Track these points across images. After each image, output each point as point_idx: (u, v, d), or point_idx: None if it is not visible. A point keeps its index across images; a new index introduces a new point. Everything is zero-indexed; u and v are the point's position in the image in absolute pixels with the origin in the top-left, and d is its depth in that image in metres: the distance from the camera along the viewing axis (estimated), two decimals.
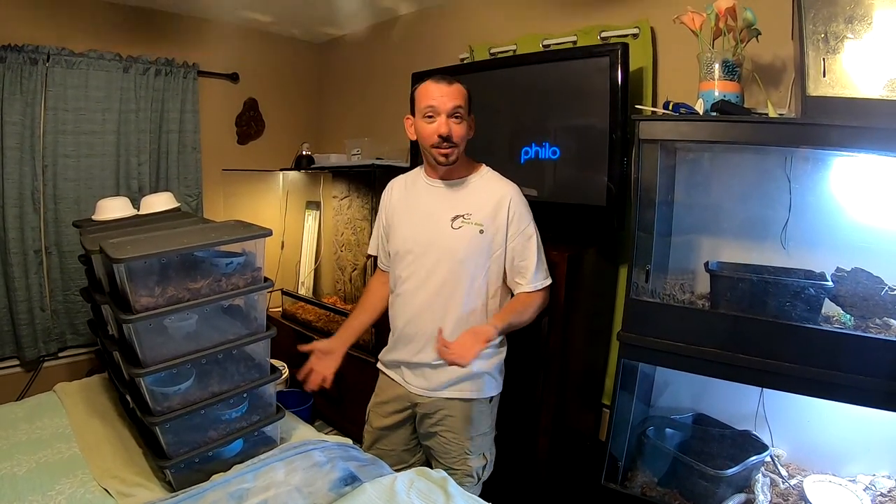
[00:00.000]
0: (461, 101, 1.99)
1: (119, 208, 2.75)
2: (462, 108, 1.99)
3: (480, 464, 2.17)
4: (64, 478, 1.89)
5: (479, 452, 2.17)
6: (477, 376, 2.12)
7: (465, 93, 2.01)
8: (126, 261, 1.66)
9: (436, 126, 1.98)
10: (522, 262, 2.08)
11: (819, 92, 1.85)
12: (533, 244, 2.08)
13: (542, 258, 2.12)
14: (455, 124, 1.98)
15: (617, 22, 2.76)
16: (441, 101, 1.96)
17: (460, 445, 2.14)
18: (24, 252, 3.56)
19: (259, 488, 1.79)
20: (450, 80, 2.00)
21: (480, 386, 2.13)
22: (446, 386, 2.10)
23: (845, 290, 1.98)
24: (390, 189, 2.30)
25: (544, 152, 2.74)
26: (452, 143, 1.99)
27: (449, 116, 1.97)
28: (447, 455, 2.16)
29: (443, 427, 2.15)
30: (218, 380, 1.95)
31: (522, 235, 2.06)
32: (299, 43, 4.90)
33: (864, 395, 1.80)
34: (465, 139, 2.04)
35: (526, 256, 2.07)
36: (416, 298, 2.10)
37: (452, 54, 3.57)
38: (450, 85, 1.98)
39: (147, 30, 3.95)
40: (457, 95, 1.98)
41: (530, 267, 2.07)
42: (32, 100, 3.48)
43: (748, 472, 2.20)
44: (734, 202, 2.43)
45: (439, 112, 1.97)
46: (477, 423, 2.14)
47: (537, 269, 2.08)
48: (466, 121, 2.03)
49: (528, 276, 2.07)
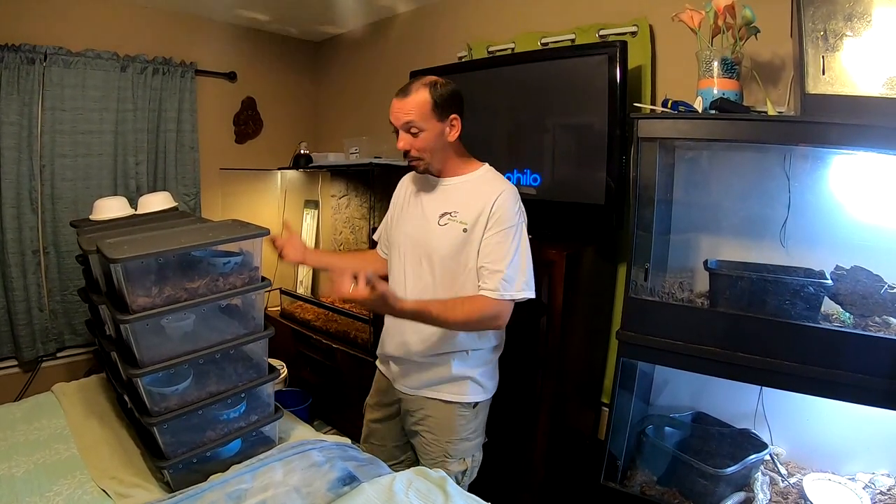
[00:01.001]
0: (414, 114, 1.92)
1: (116, 208, 2.75)
2: (415, 121, 1.92)
3: (460, 469, 2.12)
4: (62, 479, 1.88)
5: (459, 457, 2.12)
6: (459, 379, 2.07)
7: (424, 102, 1.93)
8: (123, 261, 1.66)
9: (398, 140, 1.98)
10: (489, 263, 1.92)
11: (818, 90, 1.84)
12: (508, 246, 1.92)
13: (521, 267, 1.94)
14: (412, 138, 1.95)
15: (615, 20, 2.75)
16: (395, 117, 1.95)
17: (440, 447, 2.11)
18: (21, 252, 3.55)
19: (257, 489, 1.78)
20: (407, 92, 1.94)
21: (463, 390, 2.08)
22: (427, 385, 2.08)
23: (845, 289, 1.98)
24: (404, 181, 2.28)
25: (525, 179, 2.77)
26: (415, 157, 1.98)
27: (406, 131, 1.95)
28: (427, 456, 2.14)
29: (423, 427, 2.13)
30: (216, 380, 1.94)
31: (499, 235, 1.92)
32: (297, 42, 4.89)
33: (864, 393, 1.80)
34: (433, 148, 1.97)
35: (495, 258, 1.92)
36: (400, 291, 2.05)
37: (451, 52, 3.56)
38: (405, 98, 1.93)
39: (144, 28, 3.94)
40: (409, 108, 1.92)
41: (500, 270, 1.90)
42: (30, 99, 3.47)
43: (747, 471, 2.20)
44: (733, 200, 2.43)
45: (397, 127, 1.96)
46: (458, 427, 2.10)
47: (507, 275, 1.90)
48: (432, 129, 1.95)
49: (494, 279, 1.90)
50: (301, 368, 4.01)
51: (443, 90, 1.95)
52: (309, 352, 3.92)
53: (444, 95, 1.95)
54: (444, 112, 1.96)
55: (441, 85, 1.95)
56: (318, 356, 3.83)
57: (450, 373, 2.04)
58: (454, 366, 2.04)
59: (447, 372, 2.04)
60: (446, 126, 1.98)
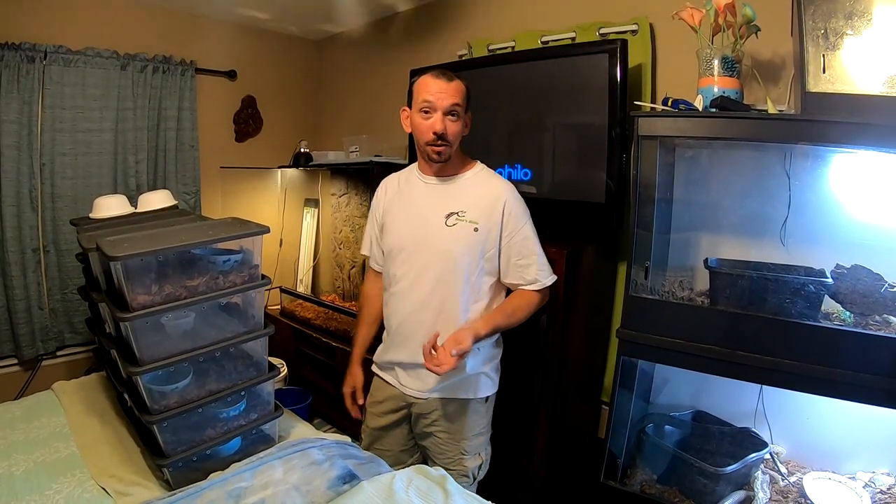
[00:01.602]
0: (459, 98, 1.96)
1: (116, 206, 2.75)
2: (459, 106, 1.97)
3: (476, 464, 2.17)
4: (62, 477, 1.88)
5: (474, 452, 2.16)
6: (473, 376, 2.11)
7: (464, 90, 1.99)
8: (123, 258, 1.65)
9: (431, 122, 1.96)
10: (522, 261, 2.05)
11: (819, 88, 1.84)
12: (531, 243, 2.05)
13: (543, 255, 2.09)
14: (451, 122, 1.96)
15: (615, 18, 2.74)
16: (439, 98, 1.94)
17: (456, 446, 2.13)
18: (21, 251, 3.55)
19: (257, 487, 1.78)
20: (450, 77, 1.98)
21: (476, 386, 2.13)
22: (441, 386, 2.09)
23: (845, 287, 1.97)
24: (384, 186, 2.28)
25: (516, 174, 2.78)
26: (446, 142, 1.98)
27: (445, 114, 1.95)
28: (443, 455, 2.16)
29: (438, 427, 2.14)
30: (216, 378, 1.94)
31: (520, 234, 2.04)
32: (297, 40, 4.89)
33: (864, 392, 1.80)
34: (459, 137, 2.02)
35: (525, 255, 2.05)
36: (410, 297, 2.09)
37: (451, 51, 3.56)
38: (449, 81, 1.96)
39: (144, 27, 3.94)
40: (455, 93, 1.96)
41: (532, 265, 2.05)
42: (30, 98, 3.47)
43: (748, 470, 2.20)
44: (733, 199, 2.42)
45: (436, 109, 1.95)
46: (472, 423, 2.14)
47: (540, 266, 2.06)
48: (463, 119, 2.01)
49: (531, 274, 2.06)
50: (301, 367, 4.01)
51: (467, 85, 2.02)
52: (309, 350, 3.92)
53: (469, 91, 2.03)
54: (468, 106, 2.04)
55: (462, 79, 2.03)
56: (319, 354, 3.83)
57: (465, 371, 2.07)
58: (469, 364, 2.06)
59: (463, 371, 2.06)
60: (467, 119, 2.05)
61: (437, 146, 1.99)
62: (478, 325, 1.95)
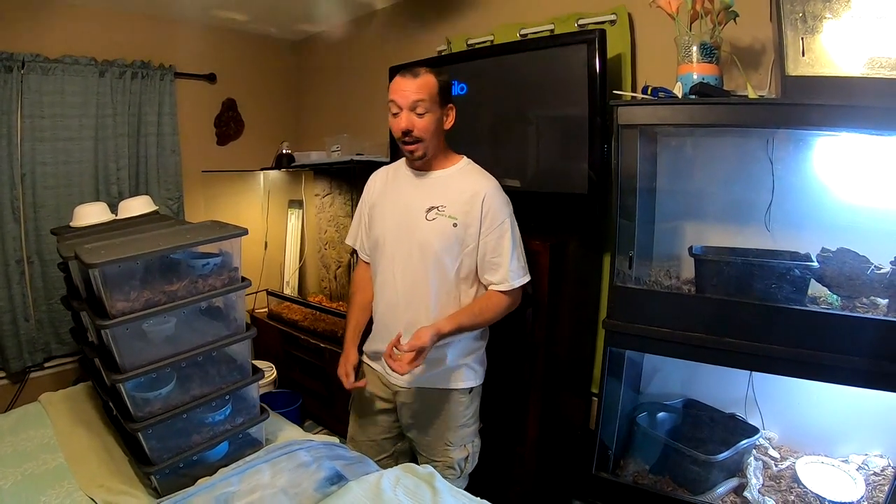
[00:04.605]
0: (424, 94, 1.95)
1: (96, 214, 2.73)
2: (424, 101, 1.95)
3: (461, 455, 2.17)
4: (50, 489, 1.87)
5: (460, 444, 2.17)
6: (455, 367, 2.13)
7: (433, 84, 1.98)
8: (100, 265, 1.64)
9: (398, 121, 1.98)
10: (495, 259, 2.04)
11: (798, 72, 1.84)
12: (507, 241, 2.04)
13: (519, 255, 2.08)
14: (417, 118, 1.96)
15: (594, 9, 2.73)
16: (401, 96, 1.95)
17: (440, 437, 2.15)
18: (5, 262, 3.52)
19: (244, 491, 1.77)
20: (416, 73, 1.97)
21: (459, 377, 2.14)
22: (424, 377, 2.10)
23: (831, 271, 1.97)
24: (373, 179, 2.31)
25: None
26: (415, 138, 1.98)
27: (411, 111, 1.95)
28: (428, 447, 2.18)
29: (422, 418, 2.16)
30: (199, 383, 1.93)
31: (496, 231, 2.03)
32: (276, 41, 4.86)
33: (853, 375, 1.80)
34: (433, 132, 2.00)
35: (499, 253, 2.04)
36: (391, 288, 2.11)
37: (430, 47, 3.55)
38: (415, 78, 1.96)
39: (122, 33, 3.90)
40: (418, 89, 1.95)
41: (503, 264, 2.04)
42: (8, 108, 3.43)
43: (740, 456, 2.20)
44: (717, 186, 2.42)
45: (401, 107, 1.96)
46: (456, 413, 2.15)
47: (512, 267, 2.04)
48: (434, 113, 1.99)
49: (501, 273, 2.04)
50: (291, 369, 3.99)
51: (443, 78, 2.02)
52: (298, 352, 3.90)
53: (445, 84, 2.02)
54: (444, 100, 2.02)
55: (440, 73, 2.02)
56: (307, 356, 3.82)
57: (445, 363, 2.09)
58: (449, 356, 2.09)
59: (443, 363, 2.08)
60: (444, 114, 2.04)
61: (407, 144, 2.00)
62: (441, 324, 1.95)
